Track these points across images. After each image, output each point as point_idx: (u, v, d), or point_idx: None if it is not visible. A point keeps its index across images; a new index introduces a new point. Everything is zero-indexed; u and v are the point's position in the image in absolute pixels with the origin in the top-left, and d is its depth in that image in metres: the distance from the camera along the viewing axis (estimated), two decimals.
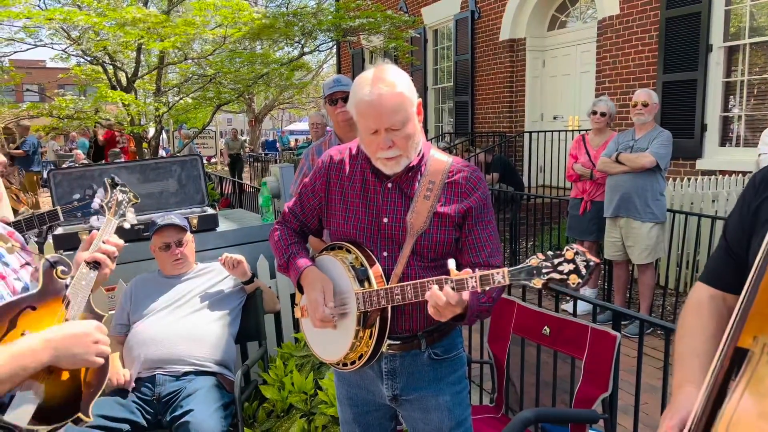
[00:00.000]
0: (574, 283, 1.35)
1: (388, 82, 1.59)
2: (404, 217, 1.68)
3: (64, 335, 1.34)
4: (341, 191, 1.77)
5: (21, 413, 1.28)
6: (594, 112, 5.04)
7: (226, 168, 16.95)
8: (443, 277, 1.48)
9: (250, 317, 3.02)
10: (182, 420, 2.36)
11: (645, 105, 4.44)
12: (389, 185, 1.71)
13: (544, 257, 1.38)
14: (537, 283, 1.38)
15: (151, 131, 8.63)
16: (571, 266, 1.35)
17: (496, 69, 9.86)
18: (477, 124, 10.54)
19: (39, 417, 1.31)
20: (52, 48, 9.18)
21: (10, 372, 1.22)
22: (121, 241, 1.62)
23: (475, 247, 1.67)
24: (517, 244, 6.61)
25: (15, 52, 8.45)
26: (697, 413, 0.97)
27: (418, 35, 11.62)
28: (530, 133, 8.96)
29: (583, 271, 1.35)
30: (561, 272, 1.36)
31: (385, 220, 1.70)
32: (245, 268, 2.93)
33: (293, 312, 3.55)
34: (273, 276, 3.49)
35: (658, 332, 4.20)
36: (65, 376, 1.39)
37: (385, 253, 1.70)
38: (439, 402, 1.76)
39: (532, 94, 9.55)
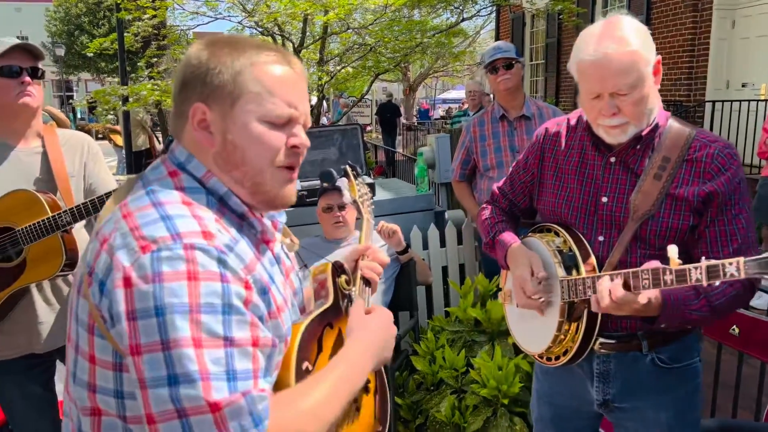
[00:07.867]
0: None
1: (617, 38, 1.36)
2: (627, 198, 1.46)
3: (376, 338, 1.14)
4: (555, 166, 1.61)
5: None
6: None
7: (379, 136, 17.28)
8: (660, 267, 1.26)
9: (402, 287, 3.04)
10: None
11: None
12: (612, 159, 1.50)
13: None
14: None
15: (314, 100, 9.00)
16: None
17: (675, 30, 8.89)
18: None
19: None
20: (230, 20, 9.89)
21: (347, 398, 1.00)
22: (387, 259, 1.43)
23: (718, 241, 1.40)
24: None
25: (198, 26, 9.19)
26: None
27: None
28: (713, 102, 7.97)
29: None
30: None
31: (604, 199, 1.49)
32: (400, 238, 2.94)
33: (444, 286, 3.52)
34: (425, 247, 3.47)
35: None
36: (367, 413, 1.22)
37: (600, 238, 1.50)
38: (660, 418, 1.53)
39: (716, 58, 8.47)
